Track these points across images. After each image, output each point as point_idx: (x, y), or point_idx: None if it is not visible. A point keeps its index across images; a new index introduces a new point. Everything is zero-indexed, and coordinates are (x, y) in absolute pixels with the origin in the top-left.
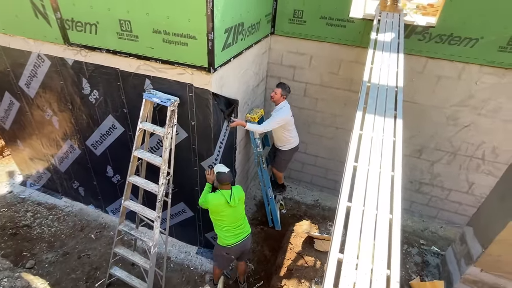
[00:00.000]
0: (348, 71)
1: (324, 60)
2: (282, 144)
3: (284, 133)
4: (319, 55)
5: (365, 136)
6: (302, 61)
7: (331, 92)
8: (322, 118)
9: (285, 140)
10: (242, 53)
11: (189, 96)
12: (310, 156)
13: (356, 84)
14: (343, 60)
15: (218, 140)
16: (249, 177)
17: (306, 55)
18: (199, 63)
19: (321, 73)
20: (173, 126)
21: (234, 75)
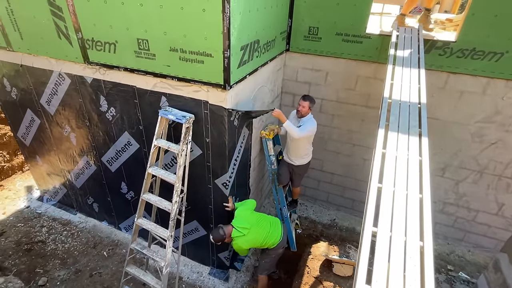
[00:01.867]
0: (365, 87)
1: (340, 76)
2: (302, 158)
3: (307, 146)
4: (335, 71)
5: (389, 155)
6: (318, 77)
7: (347, 108)
8: (338, 135)
9: (306, 153)
10: (258, 70)
11: (204, 113)
12: (326, 173)
13: (374, 100)
14: (360, 76)
15: (233, 157)
16: (263, 195)
17: (322, 71)
18: (214, 80)
19: (337, 89)
20: (187, 143)
21: (249, 92)
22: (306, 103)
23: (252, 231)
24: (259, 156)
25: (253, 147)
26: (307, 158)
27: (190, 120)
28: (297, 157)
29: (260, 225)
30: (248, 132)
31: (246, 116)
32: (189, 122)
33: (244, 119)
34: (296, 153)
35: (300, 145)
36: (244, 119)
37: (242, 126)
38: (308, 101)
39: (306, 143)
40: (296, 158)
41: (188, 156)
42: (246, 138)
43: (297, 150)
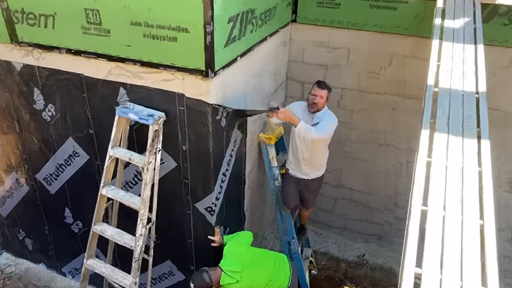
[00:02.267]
0: (400, 69)
1: (366, 56)
2: (317, 168)
3: (324, 151)
4: (358, 48)
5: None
6: (336, 57)
7: (372, 98)
8: (360, 135)
9: (322, 162)
10: (253, 49)
11: (179, 111)
12: (345, 189)
13: (411, 87)
14: (393, 55)
15: (220, 171)
16: (264, 222)
17: (341, 49)
18: (193, 64)
19: (361, 73)
20: (156, 152)
21: (242, 79)
22: (324, 92)
23: (245, 275)
24: (257, 168)
25: (248, 156)
26: (322, 168)
27: (160, 121)
28: (311, 168)
29: (259, 265)
30: (241, 136)
31: (238, 114)
32: (158, 123)
33: (235, 118)
34: (310, 162)
35: (315, 151)
36: (235, 118)
37: (233, 127)
38: (327, 89)
39: (323, 147)
40: (310, 170)
41: (157, 170)
42: (238, 144)
43: (311, 158)
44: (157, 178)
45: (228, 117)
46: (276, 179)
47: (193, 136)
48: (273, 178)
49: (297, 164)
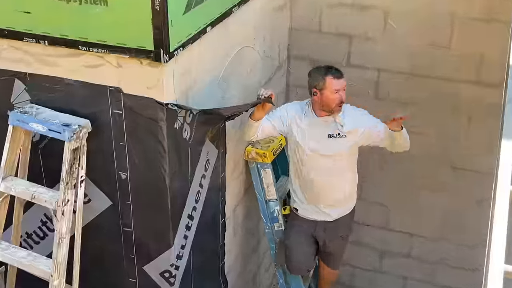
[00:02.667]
0: (471, 40)
1: (415, 19)
2: (347, 200)
3: (355, 169)
4: (402, 9)
5: None
6: (367, 23)
7: (433, 86)
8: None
9: (356, 185)
10: (231, 15)
11: (113, 117)
12: (396, 234)
13: (491, 67)
14: (458, 18)
15: (184, 211)
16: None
17: (375, 10)
18: (134, 42)
19: (409, 46)
20: (77, 185)
21: (215, 62)
22: (344, 80)
23: None
24: (246, 203)
25: (230, 184)
26: (353, 198)
27: (82, 134)
28: (336, 202)
29: None
30: (216, 152)
31: (210, 119)
32: (79, 137)
33: (206, 124)
34: (334, 194)
35: (344, 173)
36: (206, 124)
37: (202, 139)
38: (344, 77)
39: (354, 163)
40: (333, 206)
41: (80, 214)
42: (213, 167)
43: (337, 187)
44: (79, 227)
45: (194, 123)
46: (276, 221)
47: (138, 156)
48: (271, 218)
49: (311, 201)
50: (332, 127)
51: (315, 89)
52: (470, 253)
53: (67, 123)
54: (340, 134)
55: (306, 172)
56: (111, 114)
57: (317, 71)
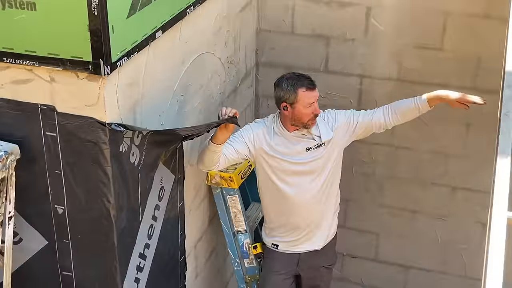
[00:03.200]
0: (466, 40)
1: (403, 17)
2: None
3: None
4: (387, 5)
5: None
6: (347, 22)
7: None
8: (407, 163)
9: (337, 205)
10: (185, 18)
11: (46, 140)
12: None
13: (489, 70)
14: (451, 14)
15: (134, 250)
16: None
17: (356, 7)
18: (68, 52)
19: (397, 49)
20: (5, 221)
21: (169, 71)
22: (317, 91)
23: None
24: (211, 236)
25: (191, 215)
26: (336, 217)
27: (9, 161)
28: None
29: None
30: (173, 178)
31: (163, 140)
32: (5, 165)
33: (158, 147)
34: (322, 210)
35: (331, 184)
36: (158, 147)
37: (155, 164)
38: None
39: (338, 174)
40: (323, 226)
41: (9, 256)
42: (168, 196)
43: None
44: (8, 272)
45: (145, 145)
46: (246, 256)
47: (77, 186)
48: (240, 254)
49: (293, 228)
50: (307, 139)
51: (285, 103)
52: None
53: None
54: (319, 144)
55: (284, 194)
56: (43, 137)
57: (287, 82)
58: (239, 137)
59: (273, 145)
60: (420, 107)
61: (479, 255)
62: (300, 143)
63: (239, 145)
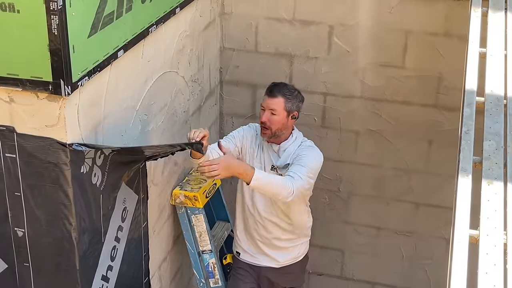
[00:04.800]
0: (427, 58)
1: (363, 36)
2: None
3: (303, 208)
4: (349, 24)
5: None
6: (310, 40)
7: (388, 111)
8: (371, 180)
9: (303, 228)
10: (148, 36)
11: (5, 161)
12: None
13: (452, 89)
14: (412, 33)
15: (96, 272)
16: None
17: (318, 26)
18: (28, 72)
19: (360, 68)
20: None
21: (131, 91)
22: (278, 101)
23: None
24: (174, 257)
25: (155, 236)
26: (305, 241)
27: None
28: (282, 245)
29: None
30: (136, 199)
31: (126, 159)
32: None
33: (121, 167)
34: (279, 238)
35: (291, 215)
36: (121, 167)
37: (118, 185)
38: (282, 96)
39: (303, 205)
40: (280, 250)
41: None
42: (131, 216)
43: (281, 225)
44: None
45: (107, 165)
46: (212, 276)
47: (37, 209)
48: (205, 274)
49: (253, 242)
50: (278, 156)
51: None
52: None
53: None
54: (278, 167)
55: (246, 203)
56: (2, 158)
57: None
58: (231, 138)
59: (253, 147)
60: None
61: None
62: (270, 157)
63: (231, 145)
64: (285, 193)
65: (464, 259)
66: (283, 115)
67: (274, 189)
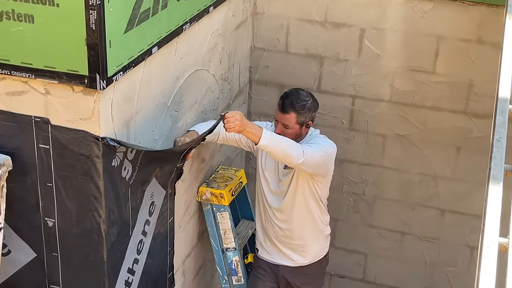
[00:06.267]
0: (458, 64)
1: (395, 40)
2: (312, 242)
3: (318, 208)
4: (380, 28)
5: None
6: (341, 43)
7: (416, 116)
8: (397, 185)
9: (320, 226)
10: (181, 34)
11: (39, 152)
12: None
13: (481, 95)
14: (444, 39)
15: (123, 265)
16: None
17: (350, 29)
18: (65, 65)
19: (391, 71)
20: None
21: (163, 87)
22: (290, 117)
23: None
24: (198, 253)
25: (181, 232)
26: (324, 241)
27: (1, 172)
28: (295, 243)
29: None
30: (163, 194)
31: (158, 157)
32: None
33: (152, 163)
34: (291, 231)
35: (301, 208)
36: (152, 163)
37: (147, 180)
38: (294, 111)
39: (313, 201)
40: (293, 247)
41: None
42: (159, 210)
43: (294, 222)
44: None
45: (138, 160)
46: (234, 274)
47: (68, 200)
48: (228, 271)
49: (269, 239)
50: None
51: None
52: None
53: None
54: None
55: (263, 199)
56: (36, 149)
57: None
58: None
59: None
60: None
61: (466, 278)
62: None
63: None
64: (296, 153)
65: (493, 267)
66: (296, 128)
67: (284, 147)
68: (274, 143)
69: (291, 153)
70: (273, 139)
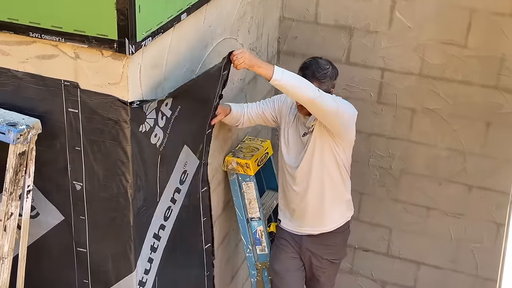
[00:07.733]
0: (490, 38)
1: (426, 12)
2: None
3: (343, 169)
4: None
5: None
6: (371, 14)
7: (446, 90)
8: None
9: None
10: (211, 1)
11: (68, 116)
12: (399, 261)
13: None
14: (477, 12)
15: (148, 230)
16: None
17: (381, 0)
18: (94, 29)
19: (420, 44)
20: (23, 195)
21: (191, 55)
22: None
23: None
24: (222, 222)
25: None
26: (344, 207)
27: (30, 135)
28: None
29: None
30: (197, 163)
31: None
32: (26, 139)
33: (186, 130)
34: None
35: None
36: (186, 130)
37: (179, 148)
38: (318, 81)
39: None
40: (311, 215)
41: (25, 230)
42: (191, 179)
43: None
44: (24, 246)
45: (169, 127)
46: (259, 243)
47: (96, 164)
48: (252, 241)
49: (288, 205)
50: (301, 124)
51: None
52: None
53: (13, 122)
54: (309, 130)
55: (282, 171)
56: (65, 113)
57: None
58: (270, 100)
59: (289, 116)
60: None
61: (491, 255)
62: (301, 125)
63: (268, 105)
64: (312, 93)
65: None
66: None
67: (299, 81)
68: (288, 77)
69: (307, 86)
70: (287, 73)
